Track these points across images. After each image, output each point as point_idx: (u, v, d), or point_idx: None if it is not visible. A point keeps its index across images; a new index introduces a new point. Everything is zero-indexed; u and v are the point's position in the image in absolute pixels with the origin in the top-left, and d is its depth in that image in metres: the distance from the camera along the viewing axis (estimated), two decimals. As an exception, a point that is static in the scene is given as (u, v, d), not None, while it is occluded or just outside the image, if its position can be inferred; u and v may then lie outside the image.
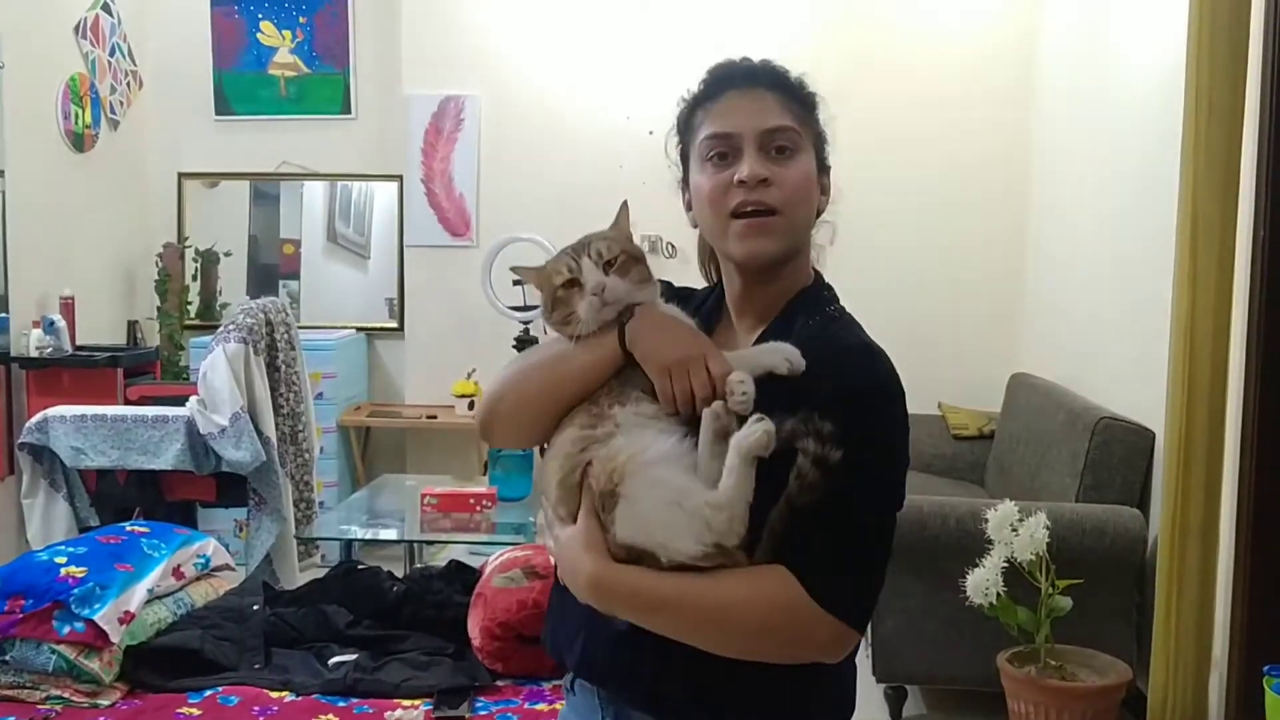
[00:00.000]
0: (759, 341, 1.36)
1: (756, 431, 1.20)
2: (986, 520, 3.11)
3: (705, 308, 1.47)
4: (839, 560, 1.22)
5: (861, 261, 4.54)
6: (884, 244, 5.09)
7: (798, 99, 1.38)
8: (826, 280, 1.44)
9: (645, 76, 5.35)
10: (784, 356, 1.27)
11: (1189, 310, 3.02)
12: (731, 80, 1.39)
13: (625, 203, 1.45)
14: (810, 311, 1.37)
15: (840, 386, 1.24)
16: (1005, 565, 3.04)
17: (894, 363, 1.31)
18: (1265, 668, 2.70)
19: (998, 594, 3.02)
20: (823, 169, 1.40)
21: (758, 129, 1.33)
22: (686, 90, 1.45)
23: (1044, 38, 5.12)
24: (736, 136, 1.34)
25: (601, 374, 1.33)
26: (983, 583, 3.03)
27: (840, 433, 1.20)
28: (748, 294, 1.41)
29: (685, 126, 1.44)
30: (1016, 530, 3.05)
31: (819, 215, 1.41)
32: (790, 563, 1.21)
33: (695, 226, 1.47)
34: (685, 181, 1.46)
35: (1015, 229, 5.29)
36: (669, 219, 1.54)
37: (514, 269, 1.50)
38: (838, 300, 1.41)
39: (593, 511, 1.27)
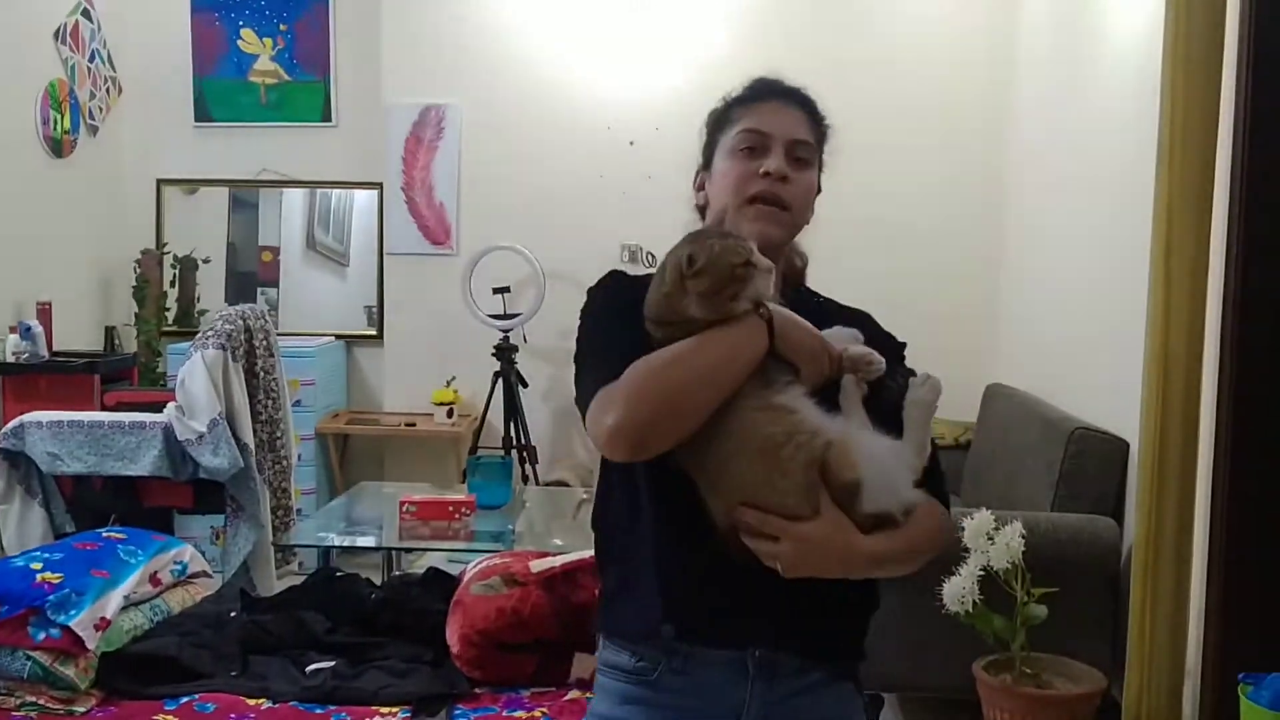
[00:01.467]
0: None
1: (932, 385, 1.47)
2: (963, 529, 3.13)
3: None
4: (935, 476, 1.52)
5: (838, 274, 4.55)
6: (861, 256, 5.10)
7: (818, 125, 1.63)
8: None
9: (626, 88, 5.37)
10: (852, 335, 1.49)
11: (1163, 321, 3.05)
12: (773, 91, 1.60)
13: None
14: (808, 298, 1.64)
15: (886, 345, 1.54)
16: (981, 574, 3.05)
17: None
18: (1239, 675, 2.72)
19: (974, 602, 3.04)
20: (818, 185, 1.65)
21: (788, 136, 1.56)
22: (727, 93, 1.63)
23: (1020, 54, 5.16)
24: (770, 137, 1.55)
25: (757, 364, 1.40)
26: (959, 591, 3.05)
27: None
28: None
29: (718, 120, 1.62)
30: (992, 539, 3.07)
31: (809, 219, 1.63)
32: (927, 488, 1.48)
33: (699, 207, 1.64)
34: (705, 166, 1.63)
35: (991, 241, 5.33)
36: (649, 229, 1.62)
37: (690, 235, 1.46)
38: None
39: (832, 501, 1.39)
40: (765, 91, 1.59)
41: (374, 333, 5.84)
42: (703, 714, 1.46)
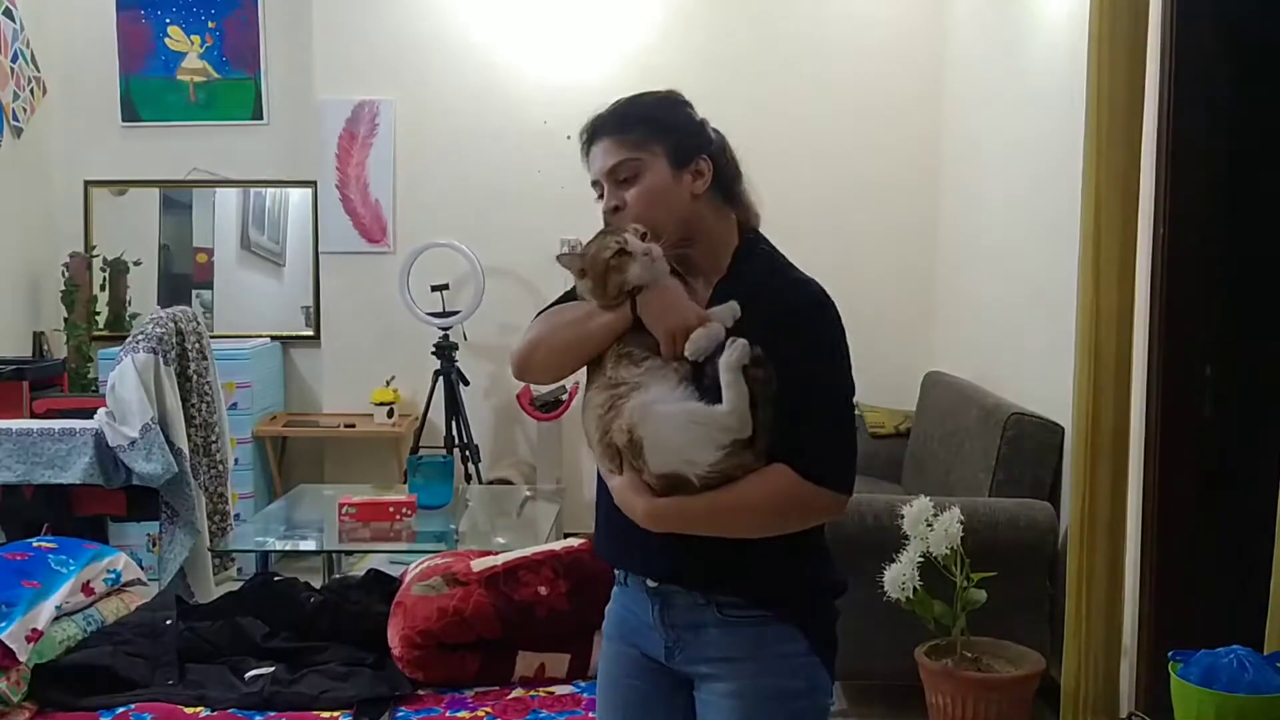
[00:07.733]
0: (715, 291, 1.72)
1: (738, 348, 1.57)
2: (902, 516, 3.16)
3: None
4: (816, 443, 1.62)
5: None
6: (797, 247, 5.09)
7: (634, 130, 1.74)
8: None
9: (561, 81, 5.35)
10: (731, 314, 1.64)
11: (1093, 308, 3.10)
12: (586, 139, 1.80)
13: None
14: (750, 260, 1.76)
15: (785, 305, 1.68)
16: (921, 560, 3.09)
17: None
18: (1170, 653, 2.78)
19: (914, 588, 3.08)
20: (683, 161, 1.73)
21: (603, 170, 1.76)
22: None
23: (952, 43, 5.22)
24: (598, 182, 1.79)
25: (617, 332, 1.67)
26: (899, 577, 3.08)
27: (773, 342, 1.60)
28: (683, 267, 1.74)
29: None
30: (932, 525, 3.10)
31: (696, 194, 1.73)
32: (784, 457, 1.60)
33: None
34: None
35: (926, 232, 5.39)
36: (588, 224, 1.66)
37: (559, 257, 1.77)
38: (767, 241, 1.82)
39: (629, 463, 1.60)
40: (584, 142, 1.80)
41: (311, 333, 5.77)
42: (638, 618, 1.77)
